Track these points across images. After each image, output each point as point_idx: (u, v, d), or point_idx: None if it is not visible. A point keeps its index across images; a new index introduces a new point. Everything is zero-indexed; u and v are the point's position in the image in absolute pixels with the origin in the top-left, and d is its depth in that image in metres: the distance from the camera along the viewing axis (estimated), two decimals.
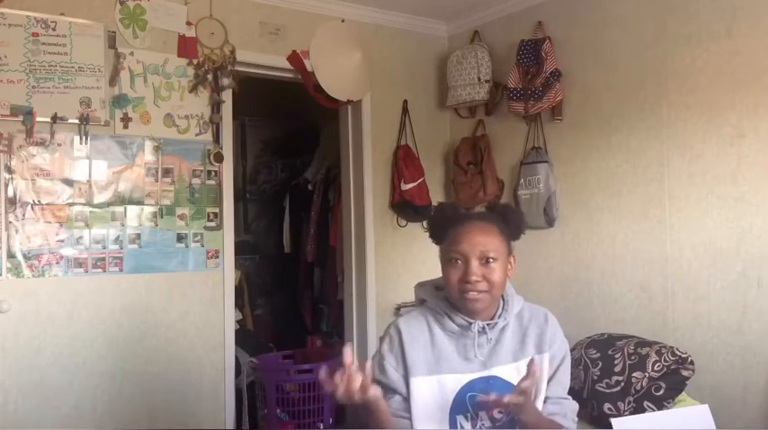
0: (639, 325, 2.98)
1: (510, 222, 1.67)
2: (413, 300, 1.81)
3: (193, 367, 3.20)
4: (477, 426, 1.61)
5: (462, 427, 1.61)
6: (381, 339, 1.71)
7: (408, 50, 3.95)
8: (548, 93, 3.29)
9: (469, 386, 1.62)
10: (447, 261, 1.62)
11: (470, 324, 1.62)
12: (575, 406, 1.71)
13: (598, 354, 2.60)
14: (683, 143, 2.89)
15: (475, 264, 1.57)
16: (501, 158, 3.69)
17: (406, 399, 1.62)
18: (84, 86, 2.93)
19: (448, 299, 1.67)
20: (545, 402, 1.65)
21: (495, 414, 1.61)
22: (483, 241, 1.59)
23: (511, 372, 1.63)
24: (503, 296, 1.68)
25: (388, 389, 1.61)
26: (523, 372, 1.58)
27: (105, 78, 2.99)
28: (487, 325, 1.63)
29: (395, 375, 1.63)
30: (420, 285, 1.78)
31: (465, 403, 1.61)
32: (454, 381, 1.61)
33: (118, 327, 3.00)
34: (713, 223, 2.79)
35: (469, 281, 1.57)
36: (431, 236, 1.71)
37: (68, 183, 2.91)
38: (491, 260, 1.58)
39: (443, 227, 1.66)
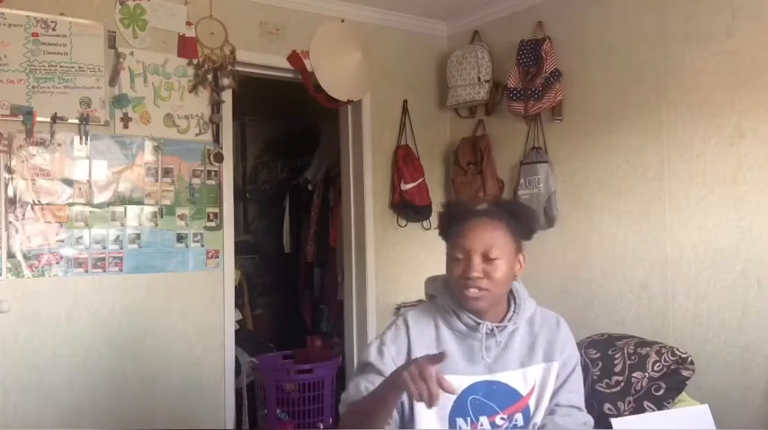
0: (639, 325, 2.97)
1: (519, 220, 1.61)
2: (412, 299, 1.79)
3: (193, 367, 3.19)
4: None
5: None
6: (387, 327, 1.65)
7: (408, 50, 3.94)
8: (548, 93, 3.30)
9: (472, 389, 1.57)
10: (450, 257, 1.58)
11: (478, 324, 1.58)
12: (588, 420, 1.63)
13: (598, 354, 2.59)
14: (683, 143, 2.89)
15: (477, 260, 1.52)
16: (501, 158, 3.69)
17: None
18: (84, 86, 2.93)
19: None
20: (553, 412, 1.59)
21: (497, 420, 1.56)
22: (487, 237, 1.54)
23: (517, 379, 1.58)
24: (514, 299, 1.64)
25: (377, 372, 1.55)
26: (530, 380, 1.56)
27: (105, 78, 2.99)
28: (497, 327, 1.58)
29: (390, 364, 1.56)
30: (431, 280, 1.72)
31: (466, 406, 1.56)
32: (456, 383, 1.53)
33: (118, 328, 3.00)
34: (713, 223, 2.79)
35: (470, 277, 1.52)
36: (439, 233, 1.67)
37: (68, 183, 2.91)
38: (494, 257, 1.53)
39: (449, 223, 1.62)
